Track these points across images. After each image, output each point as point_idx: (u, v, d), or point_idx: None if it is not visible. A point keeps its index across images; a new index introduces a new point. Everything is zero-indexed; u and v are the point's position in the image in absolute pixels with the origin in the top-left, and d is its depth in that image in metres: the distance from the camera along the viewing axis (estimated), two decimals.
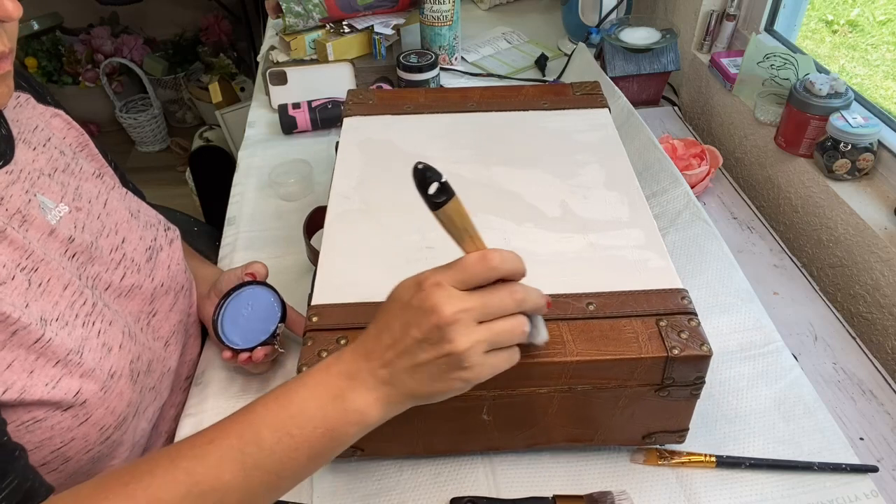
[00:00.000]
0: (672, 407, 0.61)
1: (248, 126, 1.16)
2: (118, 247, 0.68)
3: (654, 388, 0.58)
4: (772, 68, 1.10)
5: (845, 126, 0.94)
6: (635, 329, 0.57)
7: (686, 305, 0.59)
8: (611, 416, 0.61)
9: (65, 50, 2.37)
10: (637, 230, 0.67)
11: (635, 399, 0.59)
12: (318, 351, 0.57)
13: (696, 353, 0.55)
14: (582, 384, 0.58)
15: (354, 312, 0.59)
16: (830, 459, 0.65)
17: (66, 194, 0.65)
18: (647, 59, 1.24)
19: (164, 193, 2.15)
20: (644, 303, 0.59)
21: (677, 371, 0.56)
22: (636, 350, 0.56)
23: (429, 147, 0.80)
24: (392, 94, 0.91)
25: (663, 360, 0.55)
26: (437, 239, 0.65)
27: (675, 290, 0.60)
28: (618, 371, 0.57)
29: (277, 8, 1.19)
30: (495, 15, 1.55)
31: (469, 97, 0.89)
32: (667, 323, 0.58)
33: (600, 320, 0.58)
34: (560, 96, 0.88)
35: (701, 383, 0.58)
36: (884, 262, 0.90)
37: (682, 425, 0.63)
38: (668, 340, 0.56)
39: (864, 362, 0.82)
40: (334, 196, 0.73)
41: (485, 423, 0.61)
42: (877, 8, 2.02)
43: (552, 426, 0.63)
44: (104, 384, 0.60)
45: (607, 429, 0.63)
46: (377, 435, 0.59)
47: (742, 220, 1.04)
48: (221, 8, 2.46)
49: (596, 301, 0.60)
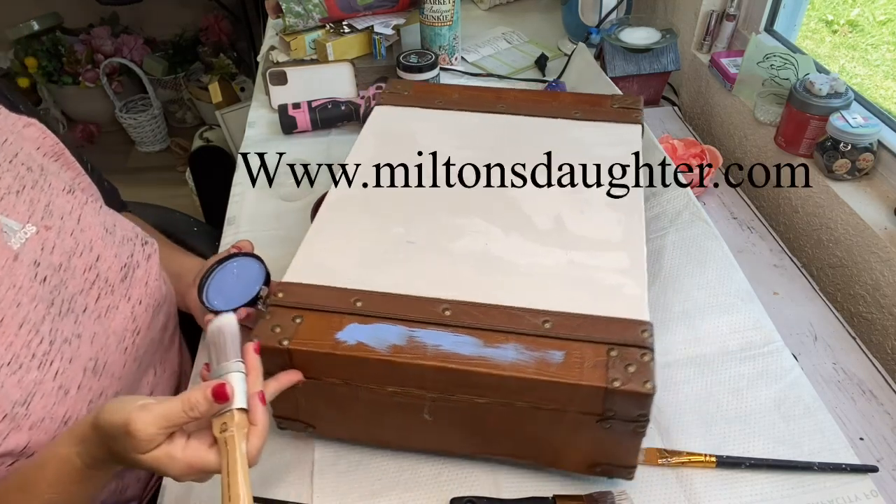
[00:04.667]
0: (616, 441, 0.57)
1: (248, 126, 1.16)
2: (92, 266, 0.66)
3: (596, 418, 0.55)
4: (772, 68, 1.10)
5: (845, 126, 0.94)
6: (583, 354, 0.55)
7: (644, 339, 0.56)
8: (552, 438, 0.59)
9: (65, 50, 2.37)
10: (623, 254, 0.64)
11: (577, 426, 0.57)
12: (272, 326, 0.58)
13: (638, 389, 0.52)
14: (520, 401, 0.56)
15: (317, 295, 0.60)
16: (830, 459, 0.64)
17: (34, 213, 0.62)
18: (647, 59, 1.24)
19: (164, 193, 2.16)
20: (602, 329, 0.56)
21: (618, 405, 0.53)
22: (575, 376, 0.53)
23: (444, 143, 0.80)
24: (428, 88, 0.91)
25: (602, 391, 0.52)
26: (421, 235, 0.67)
27: (638, 322, 0.57)
28: (555, 394, 0.54)
29: (277, 8, 1.19)
30: (495, 15, 1.55)
31: (502, 98, 0.88)
32: (617, 354, 0.54)
33: (550, 339, 0.56)
34: (596, 107, 0.85)
35: (644, 421, 0.55)
36: (884, 262, 0.90)
37: (628, 461, 0.60)
38: (612, 371, 0.53)
39: (864, 362, 0.82)
40: (337, 190, 0.74)
41: (427, 423, 0.61)
42: (877, 8, 2.02)
43: (496, 438, 0.62)
44: (55, 433, 0.57)
45: (551, 451, 0.61)
46: (326, 415, 0.64)
47: (742, 220, 1.04)
48: (221, 8, 2.46)
49: (553, 320, 0.57)
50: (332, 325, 0.58)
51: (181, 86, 2.51)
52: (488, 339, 0.56)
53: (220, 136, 2.00)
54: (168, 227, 0.91)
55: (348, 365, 0.57)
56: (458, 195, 0.72)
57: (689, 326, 0.77)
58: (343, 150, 1.08)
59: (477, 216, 0.69)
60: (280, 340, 0.57)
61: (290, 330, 0.58)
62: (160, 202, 1.23)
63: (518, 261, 0.64)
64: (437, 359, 0.55)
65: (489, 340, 0.56)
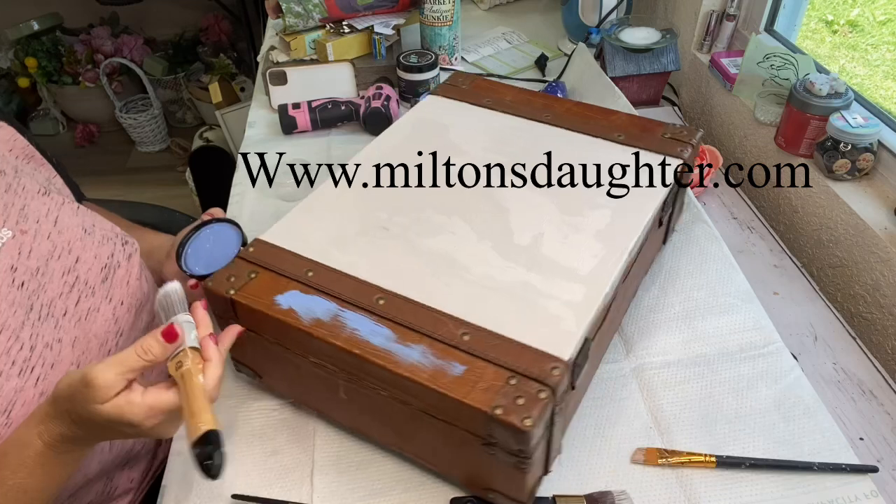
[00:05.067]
0: (502, 470, 0.56)
1: (248, 126, 1.16)
2: (71, 269, 0.66)
3: (481, 440, 0.54)
4: (772, 68, 1.10)
5: (845, 126, 0.94)
6: (483, 375, 0.53)
7: (549, 375, 0.53)
8: (446, 449, 0.59)
9: (65, 50, 2.37)
10: (581, 289, 0.61)
11: (465, 444, 0.55)
12: (228, 275, 0.63)
13: (514, 422, 0.50)
14: (416, 402, 0.56)
15: (279, 257, 0.65)
16: (830, 460, 0.64)
17: (8, 217, 0.62)
18: (647, 59, 1.24)
19: (164, 193, 2.16)
20: (514, 355, 0.55)
21: (498, 433, 0.52)
22: (462, 393, 0.52)
23: (472, 142, 0.80)
24: (485, 85, 0.91)
25: (483, 416, 0.51)
26: (398, 225, 0.69)
27: (552, 358, 0.54)
28: (443, 405, 0.54)
29: (277, 8, 1.19)
30: (495, 15, 1.55)
31: (552, 108, 0.85)
32: (516, 383, 0.52)
33: (460, 352, 0.55)
34: (646, 132, 0.80)
35: (524, 458, 0.53)
36: (884, 262, 0.90)
37: (517, 495, 0.58)
38: (500, 398, 0.51)
39: (864, 362, 0.82)
40: (355, 158, 0.78)
41: (345, 402, 0.63)
42: (877, 8, 2.02)
43: (402, 435, 0.62)
44: None
45: (447, 461, 0.61)
46: (266, 368, 0.68)
47: (742, 220, 1.04)
48: (221, 8, 2.45)
49: (473, 334, 0.56)
50: (279, 287, 0.61)
51: (181, 86, 2.51)
52: (403, 336, 0.57)
53: (220, 136, 2.00)
54: (168, 228, 0.91)
55: (277, 327, 0.60)
56: (457, 195, 0.72)
57: (689, 326, 0.77)
58: (343, 151, 1.08)
59: (461, 218, 0.69)
60: (227, 290, 0.61)
61: (240, 282, 0.62)
62: (160, 202, 1.23)
63: (473, 269, 0.63)
64: (347, 341, 0.56)
65: (403, 337, 0.57)
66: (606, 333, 0.69)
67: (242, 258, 0.65)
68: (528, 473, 0.55)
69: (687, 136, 0.79)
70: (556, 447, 0.61)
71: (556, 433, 0.58)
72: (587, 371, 0.66)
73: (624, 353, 0.75)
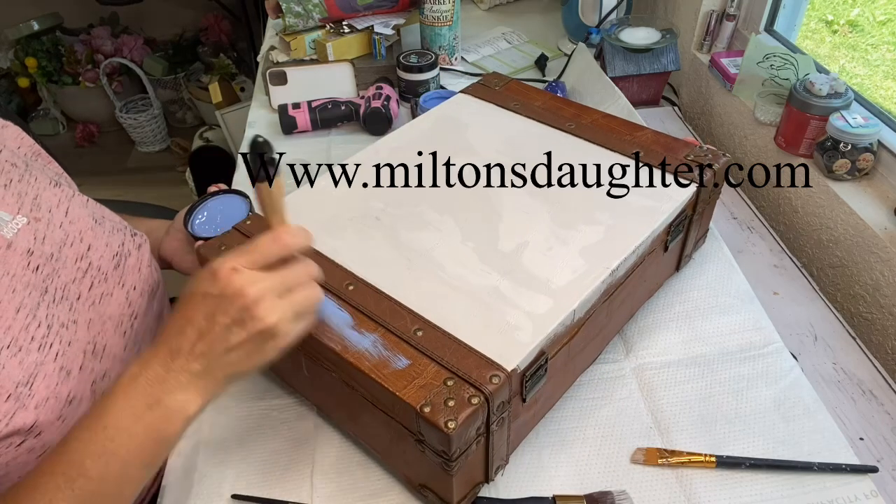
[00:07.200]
0: (432, 469, 0.56)
1: (248, 126, 1.16)
2: (83, 255, 0.66)
3: (413, 436, 0.54)
4: (772, 68, 1.10)
5: (845, 126, 0.94)
6: (424, 372, 0.54)
7: (488, 383, 0.53)
8: (388, 440, 0.59)
9: (65, 50, 2.37)
10: (549, 301, 0.60)
11: (403, 437, 0.56)
12: (221, 244, 0.66)
13: (437, 422, 0.50)
14: (360, 389, 0.57)
15: None
16: (830, 460, 0.65)
17: (23, 205, 0.63)
18: (647, 59, 1.24)
19: (164, 193, 2.16)
20: (460, 358, 0.55)
21: (425, 431, 0.52)
22: (398, 387, 0.52)
23: (488, 144, 0.79)
24: (516, 88, 0.91)
25: (413, 411, 0.51)
26: (389, 215, 0.69)
27: (495, 366, 0.54)
28: (381, 396, 0.54)
29: (277, 8, 1.19)
30: (495, 15, 1.55)
31: (579, 118, 0.83)
32: (453, 384, 0.53)
33: (409, 347, 0.56)
34: (669, 152, 0.76)
35: (447, 460, 0.53)
36: (884, 262, 0.90)
37: (445, 496, 0.58)
38: (431, 396, 0.51)
39: (864, 362, 0.82)
40: (369, 149, 0.80)
41: (307, 378, 0.65)
42: (877, 8, 2.02)
43: (354, 420, 0.64)
44: (61, 412, 0.57)
45: (392, 455, 0.62)
46: None
47: (742, 220, 1.04)
48: (221, 8, 2.46)
49: (426, 331, 0.57)
50: None
51: (181, 86, 2.51)
52: (360, 323, 0.58)
53: (220, 136, 2.01)
54: None
55: None
56: (456, 194, 0.72)
57: (689, 326, 0.77)
58: (343, 150, 1.08)
59: (452, 217, 0.69)
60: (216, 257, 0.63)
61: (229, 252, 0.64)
62: (160, 202, 1.23)
63: (448, 268, 0.64)
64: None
65: (360, 324, 0.58)
66: (581, 353, 0.68)
67: (237, 229, 0.67)
68: (455, 477, 0.55)
69: (710, 160, 0.75)
70: (501, 457, 0.61)
71: (496, 443, 0.58)
72: (554, 388, 0.66)
73: (624, 353, 0.75)
